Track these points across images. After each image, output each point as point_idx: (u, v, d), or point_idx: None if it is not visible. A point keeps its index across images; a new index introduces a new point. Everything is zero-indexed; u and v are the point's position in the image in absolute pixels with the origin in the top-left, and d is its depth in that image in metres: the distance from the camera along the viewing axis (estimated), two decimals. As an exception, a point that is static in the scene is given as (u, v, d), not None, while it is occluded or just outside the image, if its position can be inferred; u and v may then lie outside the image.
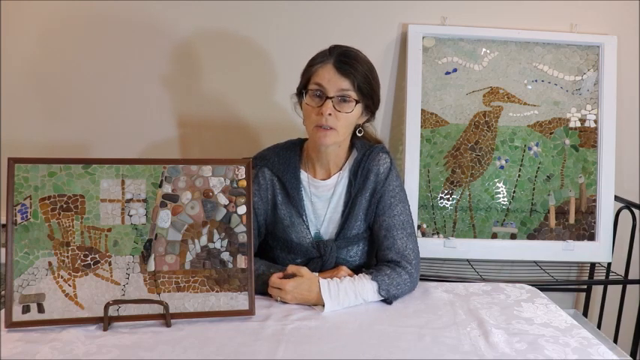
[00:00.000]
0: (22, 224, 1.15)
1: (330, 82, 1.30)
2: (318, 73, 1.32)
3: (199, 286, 1.20)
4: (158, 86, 1.97)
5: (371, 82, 1.35)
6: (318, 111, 1.31)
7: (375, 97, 1.38)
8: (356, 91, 1.32)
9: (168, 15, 1.92)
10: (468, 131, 1.97)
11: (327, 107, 1.30)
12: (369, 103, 1.37)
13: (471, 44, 1.97)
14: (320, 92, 1.32)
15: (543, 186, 1.97)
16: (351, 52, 1.34)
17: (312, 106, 1.33)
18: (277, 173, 1.41)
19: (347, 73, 1.31)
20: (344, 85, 1.31)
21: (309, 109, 1.33)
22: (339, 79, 1.31)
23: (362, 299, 1.27)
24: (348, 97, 1.31)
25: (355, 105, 1.33)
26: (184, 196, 1.21)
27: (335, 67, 1.31)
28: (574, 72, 1.98)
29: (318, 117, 1.31)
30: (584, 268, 2.11)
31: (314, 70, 1.33)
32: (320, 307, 1.25)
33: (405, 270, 1.33)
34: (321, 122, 1.30)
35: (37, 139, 1.97)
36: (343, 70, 1.31)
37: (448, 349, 1.10)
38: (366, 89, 1.34)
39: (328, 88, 1.30)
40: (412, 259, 1.35)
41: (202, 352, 1.05)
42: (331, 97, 1.30)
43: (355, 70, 1.31)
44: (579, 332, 1.19)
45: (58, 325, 1.12)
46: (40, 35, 1.92)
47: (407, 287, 1.33)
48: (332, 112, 1.30)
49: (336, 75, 1.31)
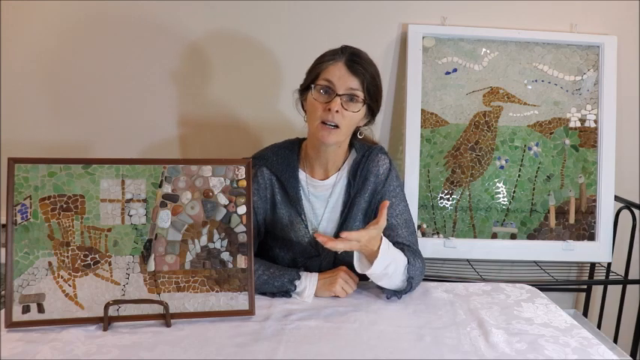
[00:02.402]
0: (22, 224, 1.15)
1: (340, 80, 1.31)
2: (329, 70, 1.32)
3: (199, 286, 1.20)
4: (158, 86, 1.97)
5: (377, 85, 1.36)
6: (325, 107, 1.30)
7: (379, 100, 1.39)
8: (364, 92, 1.32)
9: (169, 15, 1.92)
10: (468, 131, 1.97)
11: (336, 104, 1.29)
12: (374, 105, 1.37)
13: (471, 44, 1.97)
14: (329, 88, 1.32)
15: (543, 186, 1.97)
16: (362, 54, 1.35)
17: (319, 101, 1.32)
18: (276, 172, 1.41)
19: (358, 73, 1.31)
20: (354, 84, 1.31)
21: (315, 104, 1.32)
22: (349, 78, 1.31)
23: (394, 268, 1.25)
24: (357, 96, 1.32)
25: (362, 105, 1.33)
26: (184, 196, 1.21)
27: (346, 65, 1.31)
28: (574, 72, 1.98)
29: (325, 113, 1.30)
30: (584, 268, 2.11)
31: (324, 66, 1.33)
32: (360, 258, 1.25)
33: (419, 258, 1.34)
34: (327, 118, 1.30)
35: (37, 139, 1.97)
36: (354, 69, 1.31)
37: (448, 349, 1.10)
38: (373, 91, 1.34)
39: (338, 85, 1.30)
40: (421, 254, 1.37)
41: (202, 352, 1.05)
42: (340, 95, 1.30)
43: (365, 71, 1.32)
44: (579, 332, 1.19)
45: (58, 325, 1.12)
46: (41, 35, 1.92)
47: (421, 275, 1.34)
48: (339, 109, 1.30)
49: (347, 73, 1.31)
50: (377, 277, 1.27)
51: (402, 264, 1.28)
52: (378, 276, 1.26)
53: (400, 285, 1.30)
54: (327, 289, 1.31)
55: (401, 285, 1.30)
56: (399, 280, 1.29)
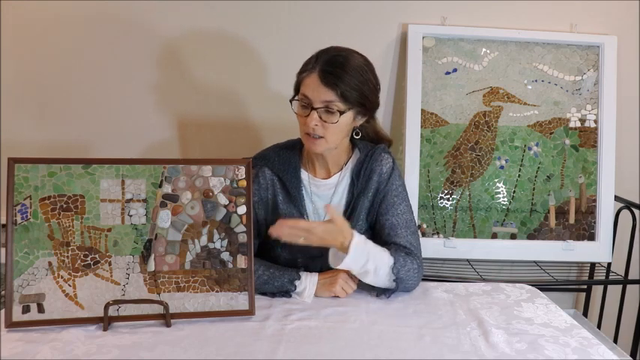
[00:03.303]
0: (22, 224, 1.15)
1: (314, 93, 1.29)
2: (305, 83, 1.31)
3: (199, 286, 1.20)
4: (158, 86, 1.97)
5: (361, 89, 1.31)
6: (305, 120, 1.31)
7: (368, 100, 1.34)
8: (342, 102, 1.29)
9: (169, 15, 1.92)
10: (468, 131, 1.97)
11: (312, 118, 1.29)
12: (360, 108, 1.34)
13: (471, 44, 1.97)
14: (306, 103, 1.31)
15: (543, 186, 1.97)
16: (338, 59, 1.30)
17: (300, 115, 1.34)
18: (278, 173, 1.41)
19: (330, 84, 1.28)
20: (327, 97, 1.28)
21: (299, 117, 1.35)
22: (322, 91, 1.28)
23: (374, 266, 1.26)
24: (332, 108, 1.29)
25: (340, 115, 1.30)
26: (184, 196, 1.21)
27: (319, 77, 1.28)
28: (574, 72, 1.98)
29: (307, 126, 1.31)
30: (584, 268, 2.11)
31: (302, 78, 1.33)
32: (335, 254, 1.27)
33: (415, 260, 1.34)
34: (309, 131, 1.31)
35: (37, 139, 1.97)
36: (327, 80, 1.28)
37: (448, 349, 1.09)
38: (354, 96, 1.30)
39: (313, 99, 1.29)
40: (419, 255, 1.37)
41: (202, 352, 1.05)
42: (316, 108, 1.29)
43: (340, 80, 1.27)
44: (579, 332, 1.19)
45: (58, 325, 1.12)
46: (41, 35, 1.92)
47: (415, 277, 1.33)
48: (318, 122, 1.30)
49: (320, 86, 1.28)
50: (358, 273, 1.29)
51: (385, 263, 1.28)
52: (358, 273, 1.28)
53: (388, 284, 1.31)
54: (327, 289, 1.31)
55: (389, 284, 1.31)
56: (385, 279, 1.29)
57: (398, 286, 1.30)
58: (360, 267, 1.26)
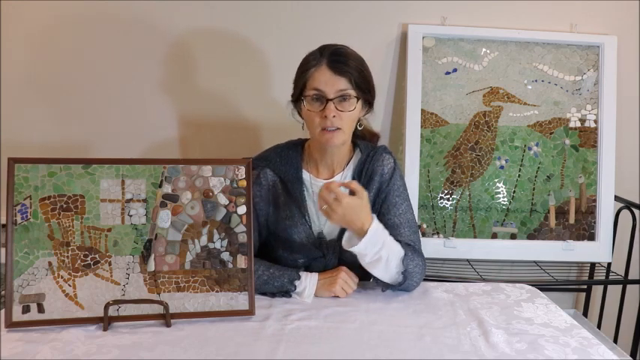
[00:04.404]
0: (22, 224, 1.15)
1: (327, 85, 1.30)
2: (314, 77, 1.31)
3: (199, 286, 1.20)
4: (158, 86, 1.97)
5: (365, 76, 1.34)
6: (322, 114, 1.30)
7: (372, 89, 1.37)
8: (354, 88, 1.31)
9: (169, 15, 1.92)
10: (467, 131, 1.97)
11: (330, 110, 1.29)
12: (368, 96, 1.36)
13: (471, 44, 1.97)
14: (319, 96, 1.31)
15: (543, 186, 1.97)
16: (342, 50, 1.33)
17: (313, 111, 1.32)
18: (279, 174, 1.40)
19: (343, 72, 1.30)
20: (342, 85, 1.30)
21: (311, 114, 1.32)
22: (336, 80, 1.30)
23: (387, 254, 1.25)
24: (348, 95, 1.31)
25: (357, 102, 1.32)
26: (184, 196, 1.21)
27: (329, 67, 1.30)
28: (574, 72, 1.98)
29: (323, 120, 1.30)
30: (584, 268, 2.11)
31: (309, 74, 1.32)
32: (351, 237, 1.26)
33: (420, 257, 1.34)
34: (327, 125, 1.30)
35: (37, 139, 1.97)
36: (338, 69, 1.30)
37: (448, 349, 1.09)
38: (363, 84, 1.33)
39: (327, 91, 1.30)
40: (422, 254, 1.37)
41: (202, 352, 1.05)
42: (332, 99, 1.30)
43: (350, 67, 1.30)
44: (579, 332, 1.19)
45: (58, 325, 1.12)
46: (40, 35, 1.92)
47: (419, 274, 1.33)
48: (335, 113, 1.29)
49: (333, 76, 1.30)
50: (370, 261, 1.26)
51: (397, 253, 1.28)
52: (370, 260, 1.26)
53: (395, 277, 1.30)
54: (327, 289, 1.31)
55: (396, 277, 1.30)
56: (394, 270, 1.29)
57: (405, 280, 1.30)
58: (374, 253, 1.25)
